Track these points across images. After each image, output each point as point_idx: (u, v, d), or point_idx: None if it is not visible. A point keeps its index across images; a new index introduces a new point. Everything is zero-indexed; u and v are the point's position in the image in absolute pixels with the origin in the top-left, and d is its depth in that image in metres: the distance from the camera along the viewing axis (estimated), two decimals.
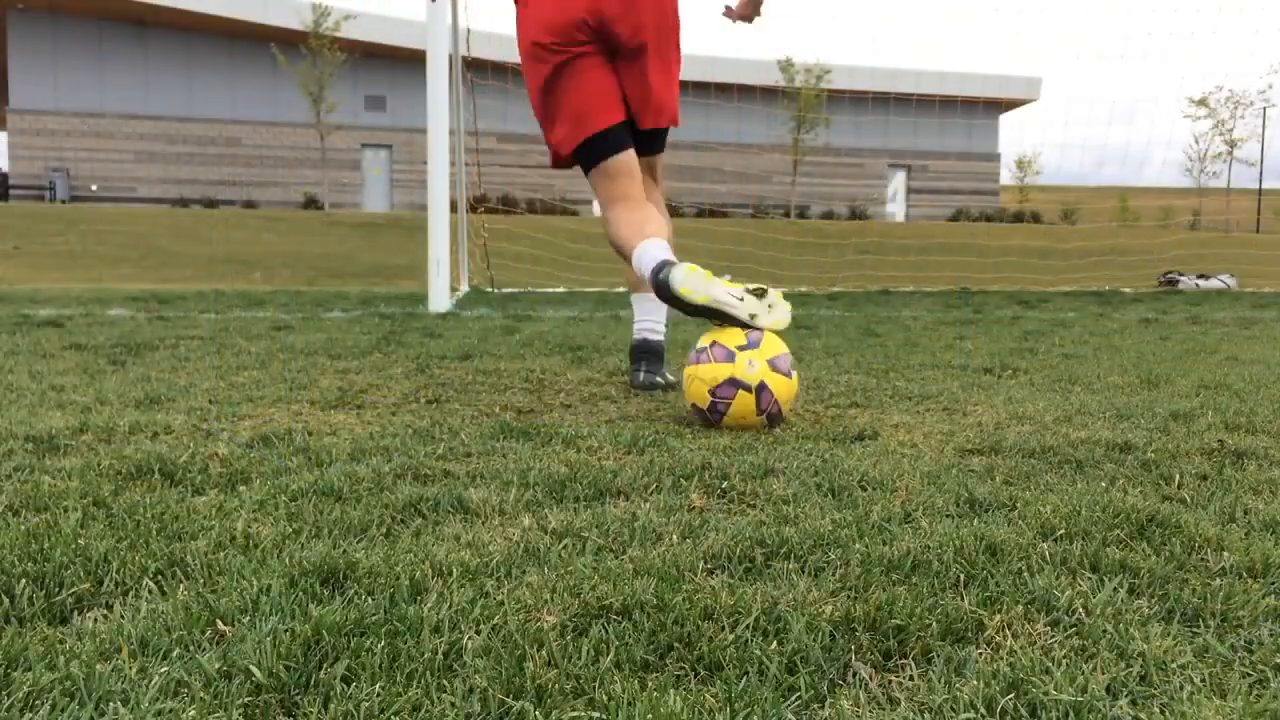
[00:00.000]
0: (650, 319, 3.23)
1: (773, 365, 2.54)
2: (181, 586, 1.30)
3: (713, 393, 2.52)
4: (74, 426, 2.31)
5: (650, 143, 3.22)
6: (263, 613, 1.19)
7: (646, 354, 3.21)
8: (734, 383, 2.51)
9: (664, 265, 2.67)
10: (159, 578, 1.33)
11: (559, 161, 3.18)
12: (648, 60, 3.04)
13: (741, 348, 2.55)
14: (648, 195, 3.14)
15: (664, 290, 2.64)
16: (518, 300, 8.49)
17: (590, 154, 3.06)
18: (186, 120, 35.17)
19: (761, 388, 2.50)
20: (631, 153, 3.08)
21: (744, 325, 2.60)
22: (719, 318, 2.62)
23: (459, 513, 1.66)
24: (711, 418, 2.54)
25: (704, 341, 2.63)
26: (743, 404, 2.51)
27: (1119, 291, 11.62)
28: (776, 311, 2.66)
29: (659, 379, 3.17)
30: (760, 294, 2.62)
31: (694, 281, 2.59)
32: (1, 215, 23.43)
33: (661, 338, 3.25)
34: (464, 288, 9.77)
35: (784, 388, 2.55)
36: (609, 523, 1.59)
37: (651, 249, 2.80)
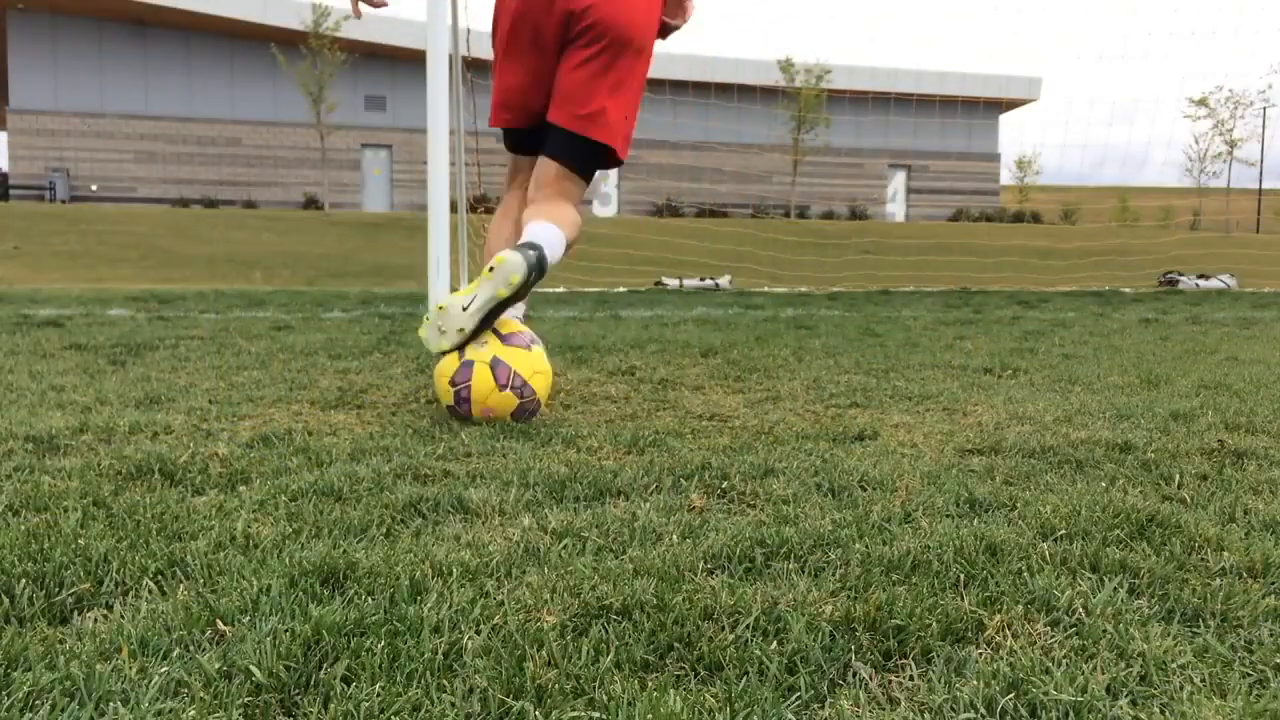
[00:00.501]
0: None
1: (505, 341, 2.54)
2: (181, 586, 1.30)
3: (453, 381, 2.52)
4: (74, 426, 2.31)
5: (551, 142, 2.88)
6: (263, 613, 1.19)
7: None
8: (467, 364, 2.51)
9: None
10: (159, 578, 1.33)
11: None
12: (585, 54, 2.77)
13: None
14: (535, 197, 2.90)
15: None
16: None
17: (504, 136, 3.12)
18: (186, 120, 35.16)
19: (496, 362, 2.49)
20: (526, 161, 3.04)
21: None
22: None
23: (459, 513, 1.67)
24: (460, 409, 2.52)
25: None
26: (482, 381, 2.48)
27: (1119, 291, 11.62)
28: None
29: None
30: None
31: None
32: (1, 215, 23.43)
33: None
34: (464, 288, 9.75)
35: (521, 361, 2.52)
36: (609, 523, 1.59)
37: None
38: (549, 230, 2.68)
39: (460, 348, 2.56)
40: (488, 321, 2.56)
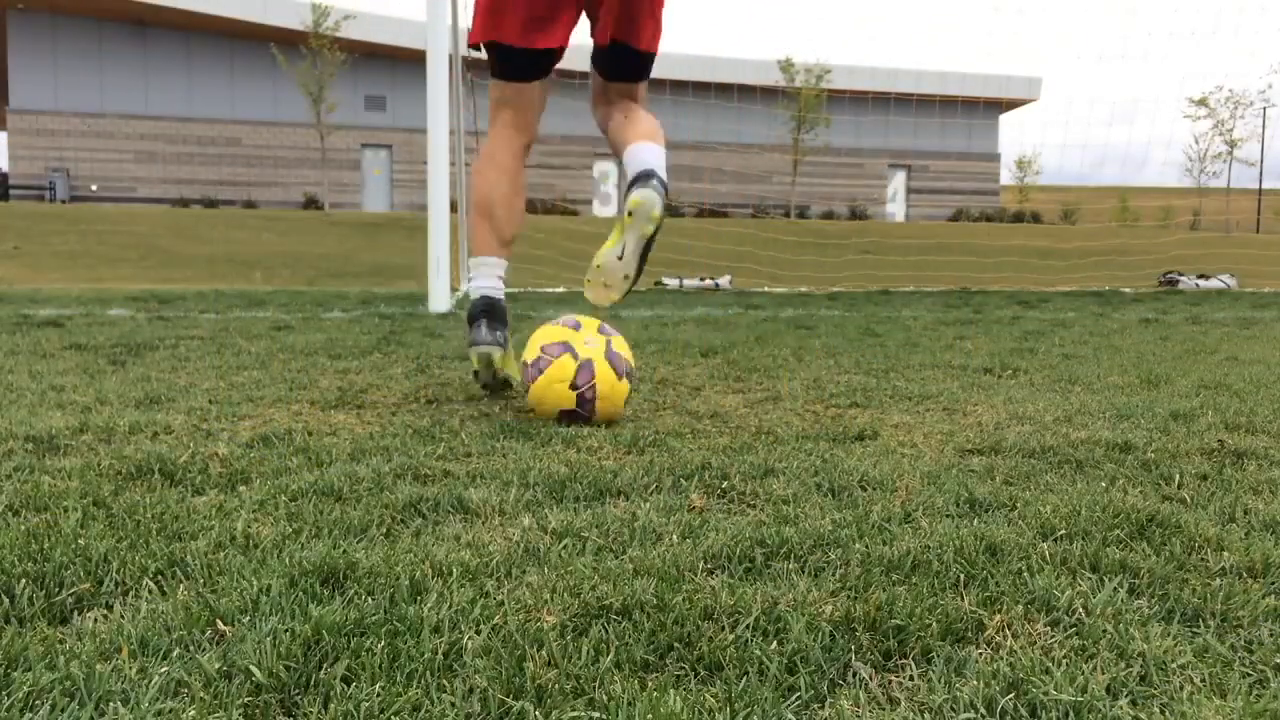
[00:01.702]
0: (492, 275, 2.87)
1: (609, 354, 2.50)
2: (181, 586, 1.30)
3: (543, 349, 2.50)
4: (74, 426, 2.31)
5: (615, 65, 2.81)
6: (263, 613, 1.19)
7: (484, 315, 2.80)
8: (566, 345, 2.48)
9: (481, 309, 2.73)
10: (159, 578, 1.33)
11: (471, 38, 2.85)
12: None
13: (599, 330, 2.56)
14: (622, 112, 2.82)
15: (471, 319, 2.72)
16: (517, 300, 8.49)
17: (498, 63, 2.79)
18: (186, 120, 35.17)
19: (586, 364, 2.45)
20: (538, 85, 2.81)
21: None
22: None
23: (459, 513, 1.66)
24: (582, 411, 2.48)
25: (533, 352, 2.55)
26: (562, 367, 2.45)
27: (1119, 291, 11.62)
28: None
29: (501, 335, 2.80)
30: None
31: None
32: (1, 215, 23.43)
33: (503, 298, 2.87)
34: (464, 288, 9.77)
35: (608, 380, 2.48)
36: (609, 523, 1.59)
37: (485, 269, 2.81)
38: (656, 152, 2.66)
39: (626, 294, 2.62)
40: (644, 261, 2.60)
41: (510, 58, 2.76)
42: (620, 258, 2.58)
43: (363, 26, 33.85)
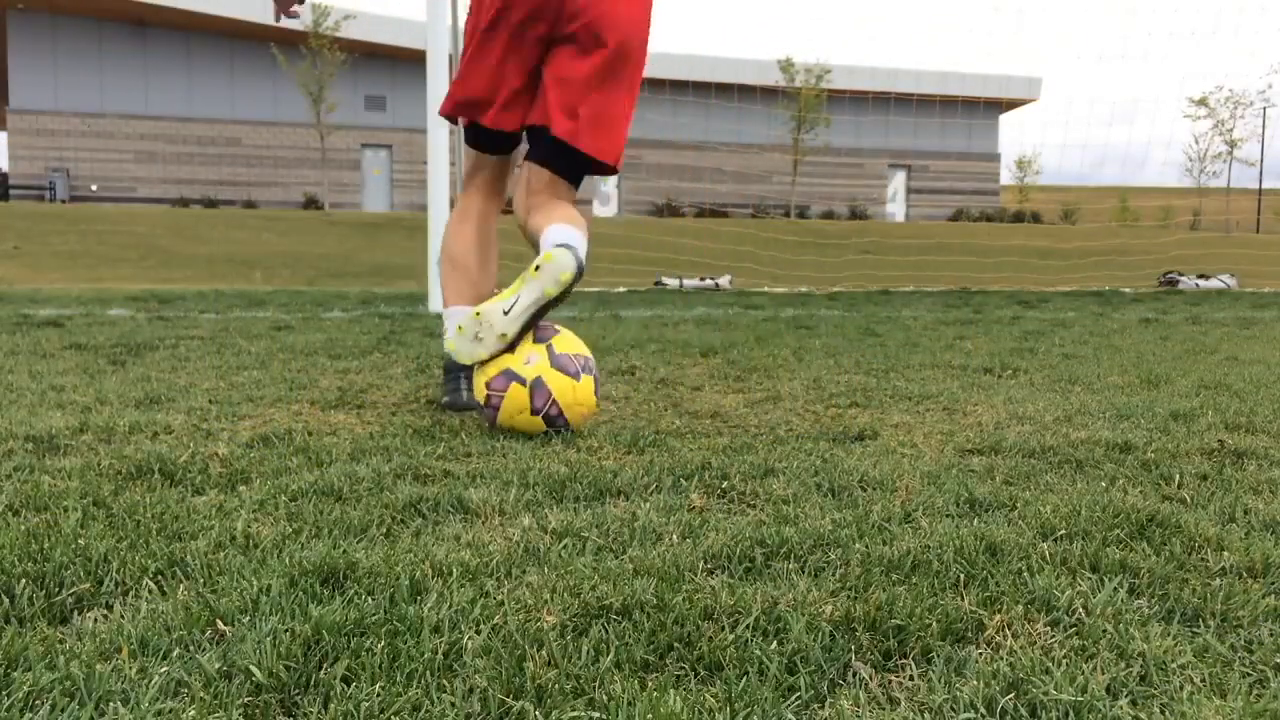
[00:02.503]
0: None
1: (555, 362, 2.35)
2: (181, 586, 1.30)
3: (489, 385, 2.38)
4: (74, 426, 2.31)
5: (540, 148, 2.68)
6: (263, 613, 1.19)
7: (464, 370, 2.76)
8: (509, 375, 2.34)
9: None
10: (159, 578, 1.33)
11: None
12: (579, 56, 2.57)
13: (535, 340, 2.40)
14: (533, 204, 2.67)
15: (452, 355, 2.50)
16: None
17: (469, 133, 2.78)
18: (186, 120, 35.17)
19: (538, 384, 2.32)
20: (494, 161, 2.80)
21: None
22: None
23: (459, 513, 1.66)
24: (487, 414, 2.38)
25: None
26: (515, 399, 2.32)
27: (1119, 291, 11.62)
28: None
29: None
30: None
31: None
32: (1, 215, 23.42)
33: None
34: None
35: (565, 389, 2.33)
36: (609, 523, 1.59)
37: (455, 313, 2.62)
38: (572, 232, 2.48)
39: (499, 355, 2.39)
40: (530, 325, 2.39)
41: (482, 135, 2.76)
42: (506, 313, 2.36)
43: (363, 26, 33.86)
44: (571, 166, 2.68)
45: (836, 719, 0.99)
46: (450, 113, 2.75)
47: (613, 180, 36.95)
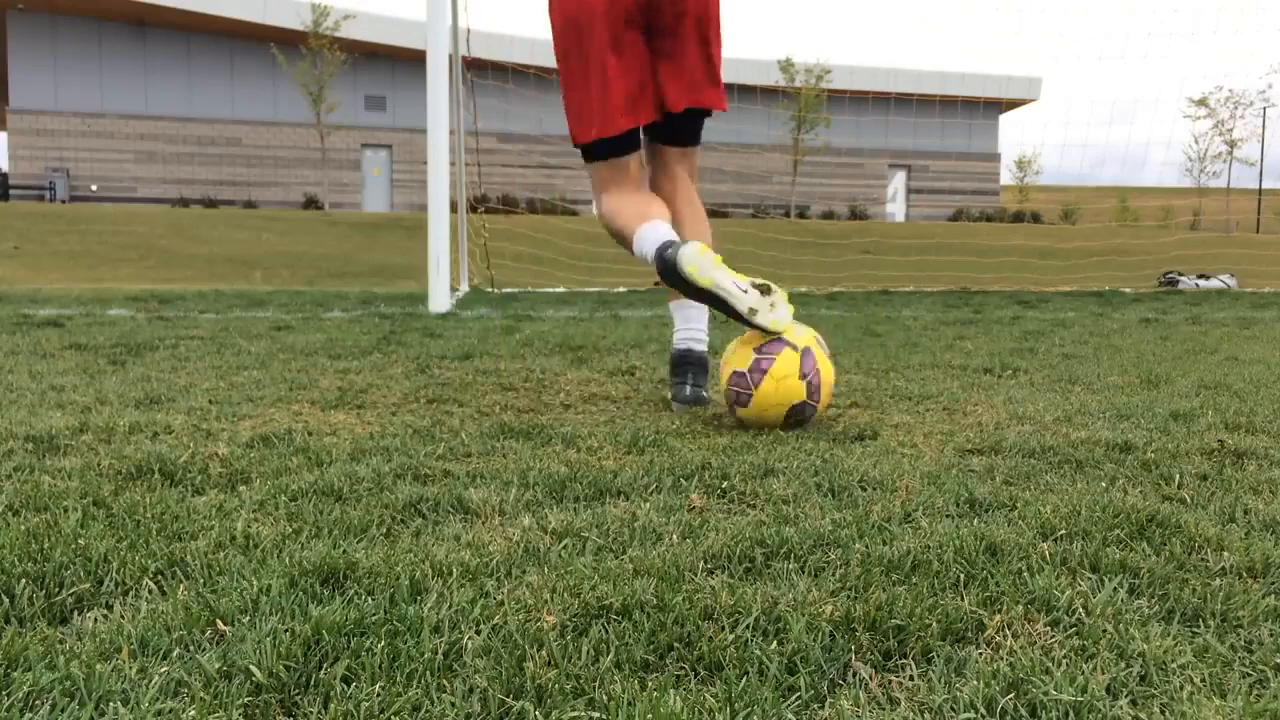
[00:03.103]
0: (692, 327, 2.91)
1: (818, 340, 2.55)
2: (181, 586, 1.30)
3: (758, 350, 2.48)
4: (74, 426, 2.31)
5: (678, 131, 2.93)
6: (263, 613, 1.19)
7: (691, 366, 2.87)
8: (782, 341, 2.48)
9: (669, 244, 2.54)
10: (159, 578, 1.33)
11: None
12: (686, 35, 2.77)
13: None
14: (675, 192, 2.93)
15: (668, 269, 2.50)
16: (518, 300, 8.49)
17: (597, 151, 2.86)
18: (186, 120, 35.18)
19: (807, 352, 2.47)
20: (638, 153, 2.90)
21: (740, 319, 2.48)
22: (717, 305, 2.50)
23: (459, 513, 1.67)
24: (752, 378, 2.45)
25: (735, 352, 2.56)
26: (788, 360, 2.45)
27: (1119, 291, 11.62)
28: (777, 311, 2.50)
29: (705, 393, 2.85)
30: (765, 290, 2.49)
31: (702, 262, 2.47)
32: (1, 215, 23.43)
33: (705, 348, 2.93)
34: (464, 288, 9.77)
35: (825, 364, 2.52)
36: (609, 523, 1.59)
37: (654, 231, 2.64)
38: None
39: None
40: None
41: (619, 141, 2.83)
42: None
43: (363, 26, 33.87)
44: (688, 131, 2.96)
45: (836, 719, 0.99)
46: (587, 136, 2.81)
47: None
